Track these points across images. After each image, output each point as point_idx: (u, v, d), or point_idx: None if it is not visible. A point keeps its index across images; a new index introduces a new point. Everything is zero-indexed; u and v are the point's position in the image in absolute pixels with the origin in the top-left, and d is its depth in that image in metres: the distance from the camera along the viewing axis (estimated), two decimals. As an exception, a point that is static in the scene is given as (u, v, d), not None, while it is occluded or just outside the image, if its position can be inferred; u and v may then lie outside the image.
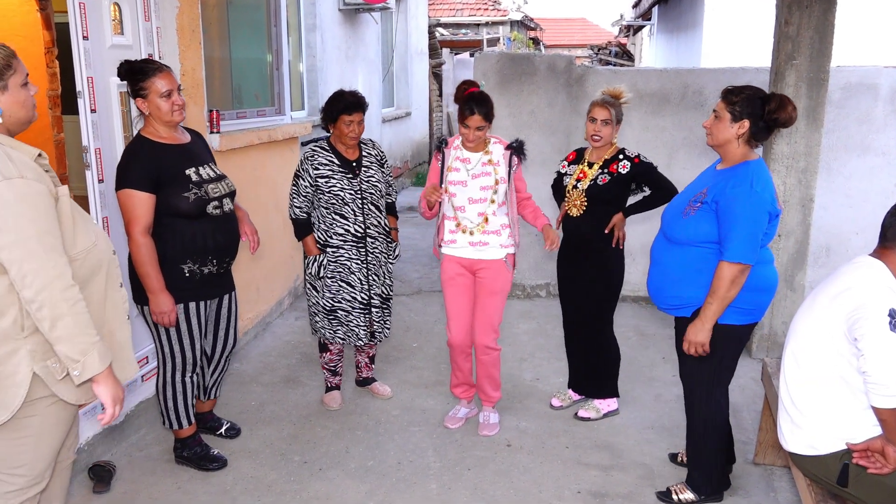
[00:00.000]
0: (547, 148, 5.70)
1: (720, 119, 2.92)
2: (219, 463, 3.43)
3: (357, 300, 3.84)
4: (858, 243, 5.53)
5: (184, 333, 3.23)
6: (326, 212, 3.76)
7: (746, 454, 3.59)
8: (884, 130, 5.45)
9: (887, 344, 2.34)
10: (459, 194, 3.60)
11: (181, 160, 3.12)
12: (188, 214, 3.07)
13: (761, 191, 2.79)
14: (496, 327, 3.71)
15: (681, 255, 2.98)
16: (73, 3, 3.28)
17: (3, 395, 2.02)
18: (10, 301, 1.99)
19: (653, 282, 3.14)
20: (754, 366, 4.63)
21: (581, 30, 33.26)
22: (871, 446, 2.46)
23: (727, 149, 2.94)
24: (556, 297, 6.03)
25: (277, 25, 5.72)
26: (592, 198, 3.70)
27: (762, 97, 2.86)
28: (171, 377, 3.30)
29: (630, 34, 23.03)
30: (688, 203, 2.99)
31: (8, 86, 2.03)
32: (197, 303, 3.23)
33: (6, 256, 1.93)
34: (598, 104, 3.67)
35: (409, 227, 8.38)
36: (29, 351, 2.03)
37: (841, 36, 4.68)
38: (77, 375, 2.04)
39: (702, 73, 5.73)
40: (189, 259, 3.13)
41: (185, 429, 3.40)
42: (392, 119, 10.92)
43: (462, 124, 3.53)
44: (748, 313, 2.97)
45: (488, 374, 3.80)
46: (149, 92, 3.02)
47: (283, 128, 5.49)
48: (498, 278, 3.66)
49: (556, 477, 3.42)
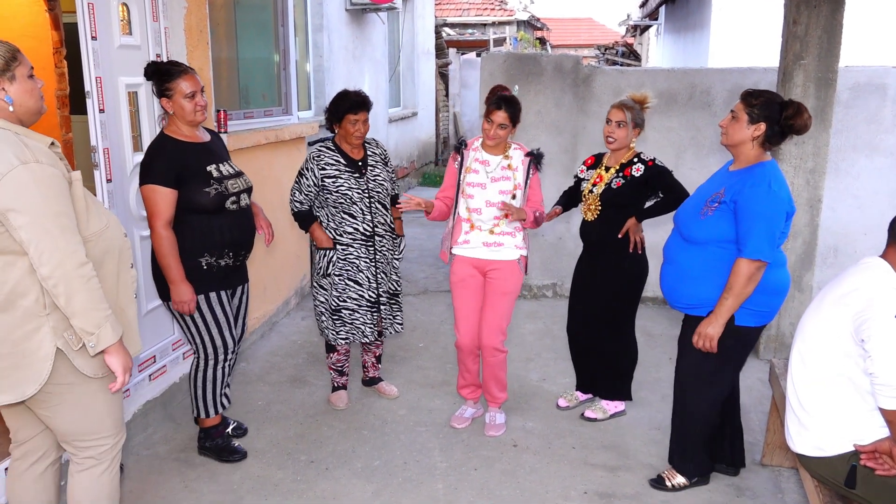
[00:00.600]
0: (554, 148, 5.69)
1: (737, 119, 2.97)
2: (239, 455, 3.52)
3: (364, 298, 3.85)
4: (866, 244, 5.50)
5: (210, 322, 3.33)
6: (335, 211, 3.77)
7: (754, 455, 3.59)
8: (892, 131, 5.43)
9: (894, 345, 2.33)
10: (477, 196, 3.58)
11: (203, 157, 3.24)
12: (208, 209, 3.19)
13: (779, 190, 2.86)
14: (504, 329, 3.70)
15: (699, 254, 3.03)
16: (81, 3, 3.30)
17: (30, 370, 2.18)
18: (32, 281, 2.13)
19: (667, 281, 3.17)
20: (762, 366, 4.62)
21: (588, 30, 33.23)
22: (879, 448, 2.45)
23: (741, 149, 2.99)
24: (562, 297, 6.04)
25: (285, 25, 5.73)
26: (606, 202, 3.67)
27: (781, 102, 2.93)
28: (204, 366, 3.41)
29: (637, 34, 23.00)
30: (705, 203, 3.03)
31: (16, 76, 2.15)
32: (218, 292, 3.33)
33: (25, 236, 2.05)
34: (615, 106, 3.67)
35: (415, 228, 8.38)
36: (51, 327, 2.17)
37: (849, 36, 4.67)
38: (92, 347, 2.17)
39: (709, 73, 5.71)
40: (207, 252, 3.24)
41: (212, 418, 3.50)
42: (398, 119, 10.92)
43: (486, 119, 3.52)
44: (760, 315, 3.02)
45: (495, 376, 3.80)
46: (174, 92, 3.14)
47: (290, 128, 5.50)
48: (510, 279, 3.65)
49: (563, 477, 3.42)
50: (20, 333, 2.15)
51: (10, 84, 2.14)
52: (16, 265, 2.12)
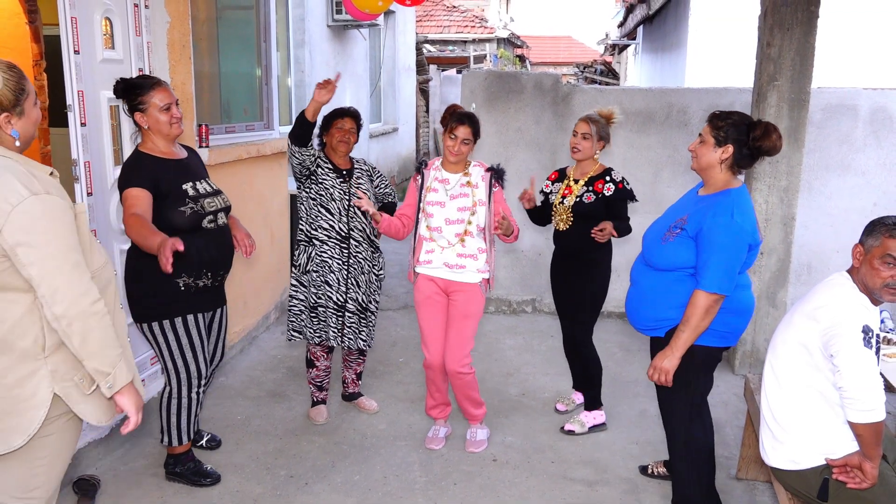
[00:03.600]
0: (534, 165, 5.75)
1: (705, 143, 2.88)
2: (212, 479, 3.41)
3: (332, 300, 3.87)
4: (839, 261, 5.61)
5: (185, 347, 3.22)
6: (313, 203, 3.81)
7: (729, 469, 3.63)
8: (863, 151, 5.56)
9: (862, 360, 2.39)
10: (437, 215, 3.60)
11: (178, 175, 3.15)
12: (184, 228, 3.06)
13: (742, 221, 2.75)
14: (468, 352, 3.69)
15: (658, 279, 2.96)
16: (64, 17, 3.30)
17: (21, 419, 1.99)
18: (31, 321, 1.98)
19: (630, 303, 3.13)
20: (737, 382, 4.68)
21: (567, 48, 33.61)
22: (850, 462, 2.51)
23: (710, 173, 2.91)
24: (542, 312, 6.09)
25: (267, 41, 5.76)
26: (578, 214, 3.80)
27: (749, 123, 2.84)
28: (177, 392, 3.28)
29: (615, 53, 23.28)
30: (668, 228, 2.96)
31: (24, 109, 2.04)
32: (195, 315, 3.24)
33: (35, 272, 1.91)
34: (582, 119, 3.86)
35: (395, 244, 8.38)
36: (50, 371, 2.01)
37: (821, 58, 4.79)
38: (109, 388, 2.05)
39: (686, 93, 5.82)
40: (184, 273, 3.13)
41: (182, 445, 3.38)
42: (380, 134, 10.97)
43: (449, 135, 3.56)
44: (722, 336, 2.91)
45: (467, 396, 3.79)
46: (147, 106, 3.06)
47: (272, 142, 5.52)
48: (472, 302, 3.65)
49: (542, 492, 3.44)
50: (13, 378, 1.97)
51: (19, 119, 2.03)
52: (18, 303, 1.96)
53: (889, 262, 2.46)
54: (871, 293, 2.53)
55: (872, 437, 2.42)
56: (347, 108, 3.91)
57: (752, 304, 2.98)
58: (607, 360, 4.43)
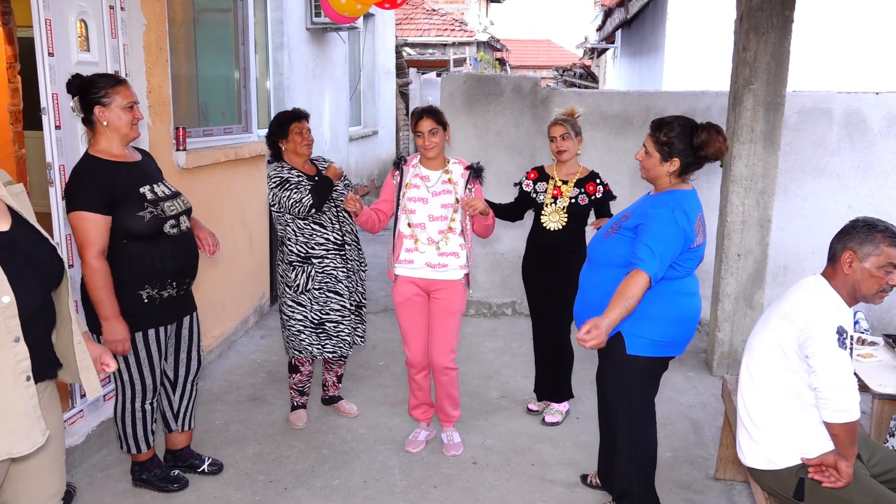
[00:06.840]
0: (513, 167, 5.77)
1: (650, 156, 2.89)
2: (179, 484, 3.36)
3: (347, 308, 3.89)
4: (814, 263, 5.67)
5: (143, 361, 3.11)
6: (304, 223, 3.78)
7: (707, 469, 3.66)
8: (837, 154, 5.63)
9: (836, 360, 2.42)
10: (419, 211, 3.59)
11: (135, 178, 2.99)
12: (144, 235, 2.93)
13: (680, 219, 2.75)
14: (454, 347, 3.72)
15: (599, 276, 2.96)
16: (38, 19, 3.27)
17: None
18: None
19: (576, 305, 3.14)
20: (715, 383, 4.72)
21: (546, 51, 33.74)
22: (825, 461, 2.53)
23: (659, 182, 2.93)
24: (522, 315, 6.10)
25: (245, 44, 5.73)
26: (573, 215, 3.94)
27: (691, 131, 2.82)
28: (129, 404, 3.18)
29: (594, 56, 23.42)
30: (610, 226, 3.01)
31: None
32: (156, 329, 3.10)
33: None
34: (553, 123, 3.96)
35: (375, 245, 8.36)
36: None
37: (796, 62, 4.84)
38: None
39: (663, 97, 5.87)
40: (147, 284, 2.99)
41: (143, 453, 3.32)
42: (359, 137, 10.94)
43: (416, 134, 3.56)
44: (662, 346, 2.89)
45: (448, 394, 3.80)
46: (111, 101, 2.90)
47: (250, 146, 5.48)
48: (455, 298, 3.66)
49: (522, 494, 3.45)
50: None
51: None
52: None
53: (890, 271, 2.49)
54: (856, 298, 2.55)
55: (847, 437, 2.45)
56: (301, 111, 3.90)
57: (696, 313, 2.94)
58: (586, 361, 4.45)
